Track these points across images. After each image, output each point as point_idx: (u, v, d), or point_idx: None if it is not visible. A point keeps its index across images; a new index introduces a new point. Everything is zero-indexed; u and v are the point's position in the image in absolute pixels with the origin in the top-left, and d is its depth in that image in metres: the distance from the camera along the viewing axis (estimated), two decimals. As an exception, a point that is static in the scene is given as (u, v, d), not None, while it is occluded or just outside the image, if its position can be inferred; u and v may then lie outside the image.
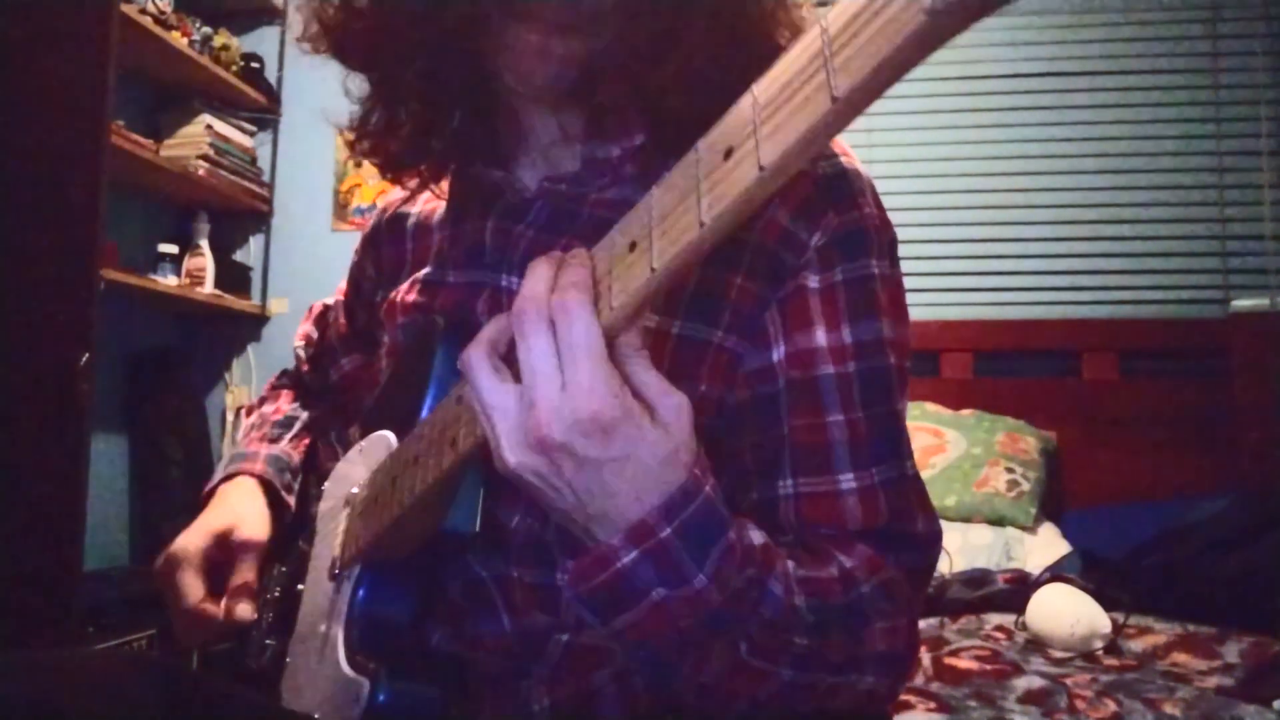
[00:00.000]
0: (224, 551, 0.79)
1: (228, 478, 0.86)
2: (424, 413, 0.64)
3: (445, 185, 0.78)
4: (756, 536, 0.51)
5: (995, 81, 2.72)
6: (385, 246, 0.84)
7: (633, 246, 0.44)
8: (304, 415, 0.94)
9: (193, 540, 0.79)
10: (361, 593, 0.65)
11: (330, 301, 0.97)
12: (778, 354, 0.64)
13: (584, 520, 0.47)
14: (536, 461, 0.46)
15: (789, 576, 0.53)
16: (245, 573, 0.78)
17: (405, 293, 0.76)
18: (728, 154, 0.39)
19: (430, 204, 0.81)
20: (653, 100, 0.63)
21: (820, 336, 0.63)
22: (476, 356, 0.48)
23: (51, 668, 0.52)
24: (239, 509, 0.82)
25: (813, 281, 0.64)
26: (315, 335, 0.98)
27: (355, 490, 0.72)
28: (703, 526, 0.47)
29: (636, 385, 0.46)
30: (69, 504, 2.05)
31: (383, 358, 0.79)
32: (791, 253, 0.64)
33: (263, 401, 0.98)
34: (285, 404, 0.96)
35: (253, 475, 0.85)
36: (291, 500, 0.87)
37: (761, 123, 0.38)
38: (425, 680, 0.62)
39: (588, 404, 0.43)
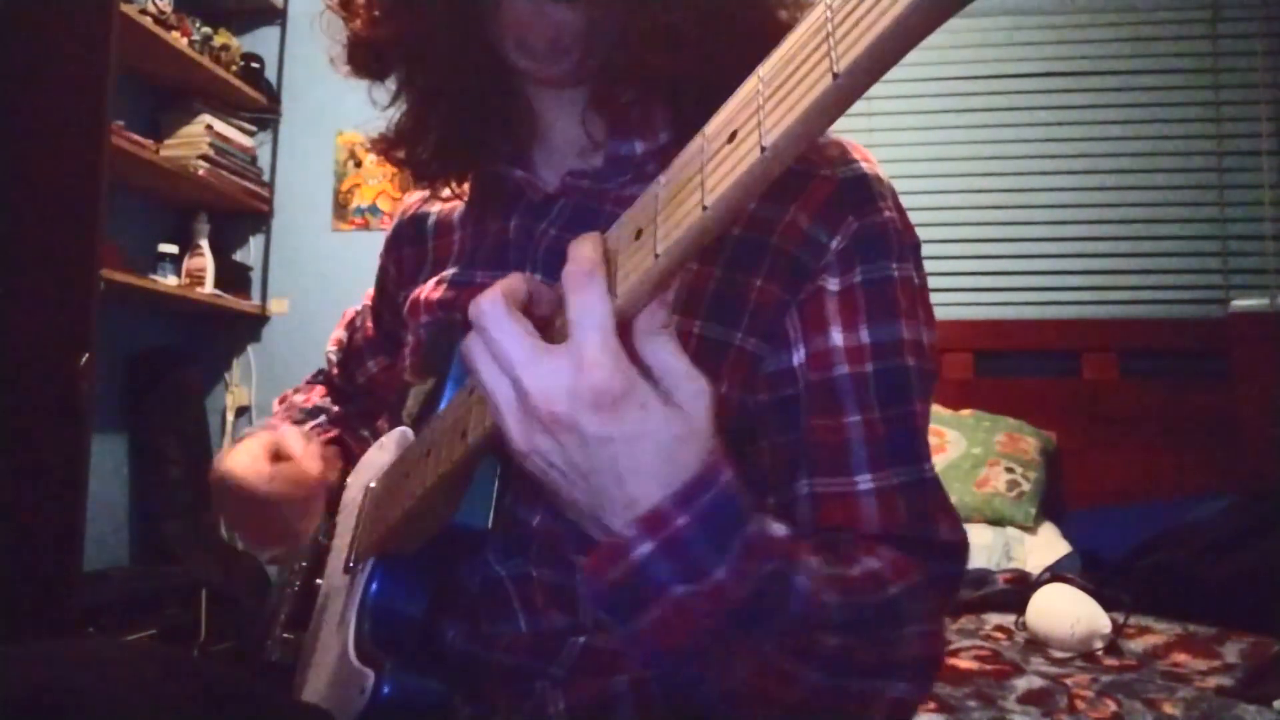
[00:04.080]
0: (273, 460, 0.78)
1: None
2: (440, 408, 0.64)
3: (466, 184, 0.79)
4: (779, 529, 0.49)
5: (995, 81, 2.71)
6: (406, 246, 0.85)
7: (639, 234, 0.43)
8: (333, 409, 0.96)
9: (241, 447, 0.78)
10: (374, 585, 0.66)
11: (360, 307, 0.98)
12: (797, 357, 0.64)
13: (592, 508, 0.45)
14: (544, 443, 0.44)
15: (815, 571, 0.50)
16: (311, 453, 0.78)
17: (430, 291, 0.77)
18: (731, 137, 0.38)
19: (450, 202, 0.83)
20: (673, 94, 0.63)
21: (837, 337, 0.63)
22: (473, 342, 0.46)
23: (71, 658, 0.52)
24: (269, 437, 0.82)
25: (832, 284, 0.64)
26: (345, 340, 0.99)
27: (372, 485, 0.73)
28: (721, 515, 0.44)
29: (656, 365, 0.44)
30: (69, 504, 2.05)
31: (406, 356, 0.79)
32: (811, 256, 0.64)
33: (295, 391, 0.99)
34: (316, 396, 0.97)
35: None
36: None
37: (764, 103, 0.37)
38: (433, 675, 0.62)
39: (591, 376, 0.41)
